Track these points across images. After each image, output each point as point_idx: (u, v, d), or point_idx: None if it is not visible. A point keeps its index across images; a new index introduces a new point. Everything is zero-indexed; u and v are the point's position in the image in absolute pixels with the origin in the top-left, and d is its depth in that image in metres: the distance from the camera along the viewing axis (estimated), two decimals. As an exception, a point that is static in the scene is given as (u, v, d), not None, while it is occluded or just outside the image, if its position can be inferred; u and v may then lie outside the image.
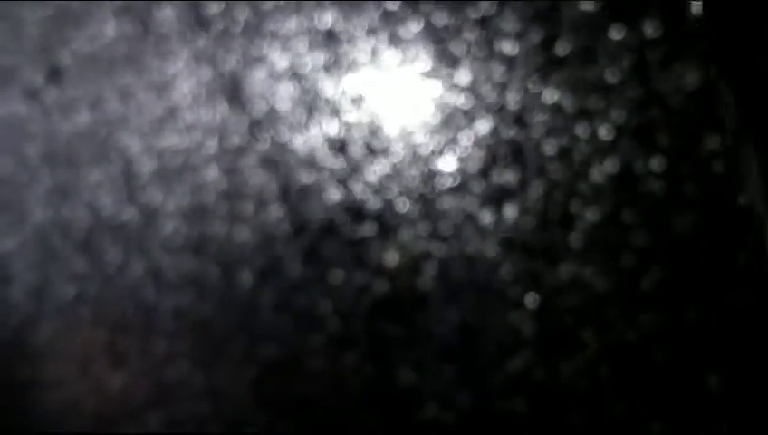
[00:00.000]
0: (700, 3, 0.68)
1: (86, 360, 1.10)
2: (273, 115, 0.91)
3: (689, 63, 0.68)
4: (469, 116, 0.78)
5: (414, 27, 0.81)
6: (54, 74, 1.11)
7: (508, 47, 0.76)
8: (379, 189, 0.84)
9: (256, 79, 0.92)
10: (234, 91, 0.94)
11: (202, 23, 0.95)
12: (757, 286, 0.67)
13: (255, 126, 0.92)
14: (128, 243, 1.03)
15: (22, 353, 1.16)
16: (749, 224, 0.67)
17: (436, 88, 0.80)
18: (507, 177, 0.76)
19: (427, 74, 0.80)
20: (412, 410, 0.82)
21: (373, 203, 0.84)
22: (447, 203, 0.80)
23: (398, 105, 0.83)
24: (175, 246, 0.99)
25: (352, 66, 0.86)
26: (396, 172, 0.83)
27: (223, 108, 0.94)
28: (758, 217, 0.67)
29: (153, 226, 1.01)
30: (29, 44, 1.14)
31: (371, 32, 0.84)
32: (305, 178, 0.89)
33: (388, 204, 0.83)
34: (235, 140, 0.94)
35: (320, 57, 0.88)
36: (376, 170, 0.84)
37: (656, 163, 0.70)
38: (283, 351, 0.91)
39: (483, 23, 0.77)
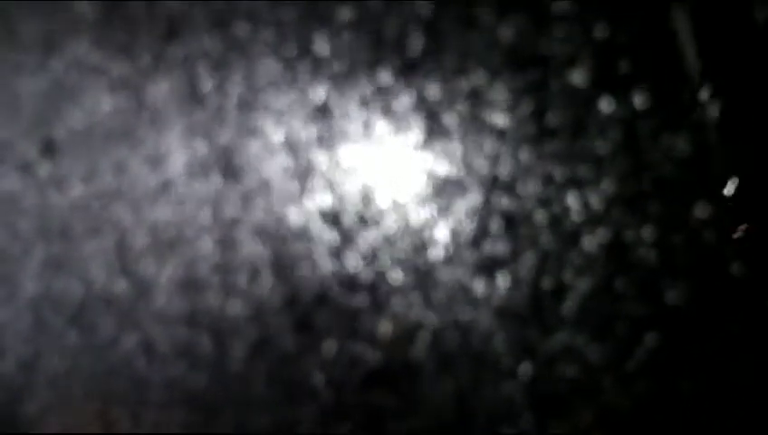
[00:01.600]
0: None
1: (77, 433, 1.08)
2: (266, 187, 0.91)
3: (680, 133, 0.69)
4: (461, 187, 0.78)
5: (406, 100, 0.81)
6: (48, 148, 1.11)
7: (499, 119, 0.76)
8: (371, 260, 0.83)
9: (250, 151, 0.92)
10: (227, 164, 0.94)
11: (197, 97, 0.96)
12: (753, 355, 0.66)
13: (248, 198, 0.92)
14: (120, 315, 1.02)
15: (11, 425, 1.15)
16: (742, 293, 0.67)
17: (428, 159, 0.80)
18: (499, 247, 0.76)
19: (420, 146, 0.81)
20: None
21: (366, 274, 0.84)
22: (440, 273, 0.79)
23: (390, 176, 0.83)
24: (167, 318, 0.98)
25: (345, 138, 0.86)
26: (388, 243, 0.83)
27: (217, 180, 0.94)
28: (753, 286, 0.66)
29: (145, 298, 1.00)
30: (24, 118, 1.14)
31: (364, 105, 0.84)
32: (298, 249, 0.88)
33: (381, 275, 0.83)
34: (229, 212, 0.94)
35: (313, 130, 0.88)
36: (368, 241, 0.84)
37: (647, 232, 0.70)
38: (275, 422, 0.90)
39: (474, 95, 0.78)
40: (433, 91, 0.80)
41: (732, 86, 0.66)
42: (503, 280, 0.76)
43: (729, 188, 0.66)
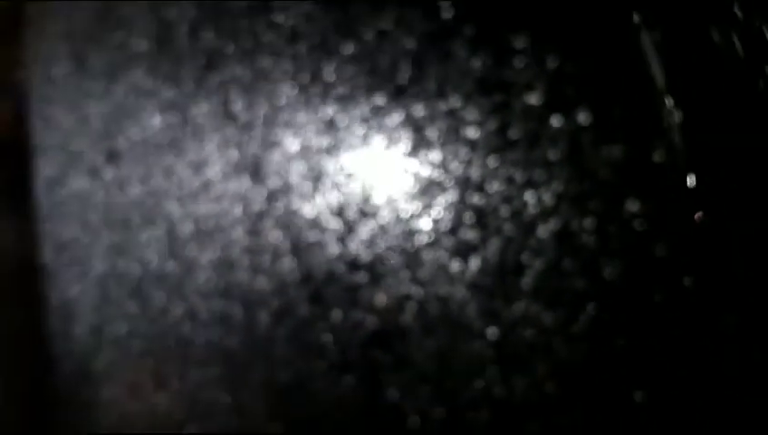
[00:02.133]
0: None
1: (135, 384, 1.09)
2: (286, 187, 0.91)
3: (614, 143, 0.69)
4: (441, 187, 0.78)
5: (396, 118, 0.81)
6: (112, 156, 1.11)
7: (471, 132, 0.76)
8: (369, 245, 0.84)
9: (273, 159, 0.92)
10: (255, 169, 0.94)
11: (230, 115, 0.96)
12: (671, 318, 0.66)
13: (273, 196, 0.92)
14: (169, 290, 1.03)
15: (84, 378, 1.15)
16: (664, 270, 0.67)
17: (414, 165, 0.80)
18: (471, 235, 0.76)
19: (408, 154, 0.81)
20: (398, 422, 0.81)
21: (365, 256, 0.84)
22: (424, 255, 0.79)
23: (384, 178, 0.83)
24: (207, 291, 0.98)
25: (348, 148, 0.86)
26: (383, 231, 0.83)
27: (246, 181, 0.94)
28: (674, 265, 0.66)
29: (190, 276, 1.00)
30: (92, 133, 1.14)
31: (364, 121, 0.84)
32: (311, 236, 0.89)
33: (377, 257, 0.83)
34: (256, 208, 0.94)
35: (323, 141, 0.88)
36: (367, 230, 0.84)
37: (588, 223, 0.70)
38: (294, 375, 0.90)
39: (451, 114, 0.78)
40: (418, 110, 0.80)
41: (693, 101, 0.66)
42: (474, 261, 0.76)
43: (690, 181, 0.65)
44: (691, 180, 0.65)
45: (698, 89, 0.66)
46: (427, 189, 0.79)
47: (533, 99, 0.73)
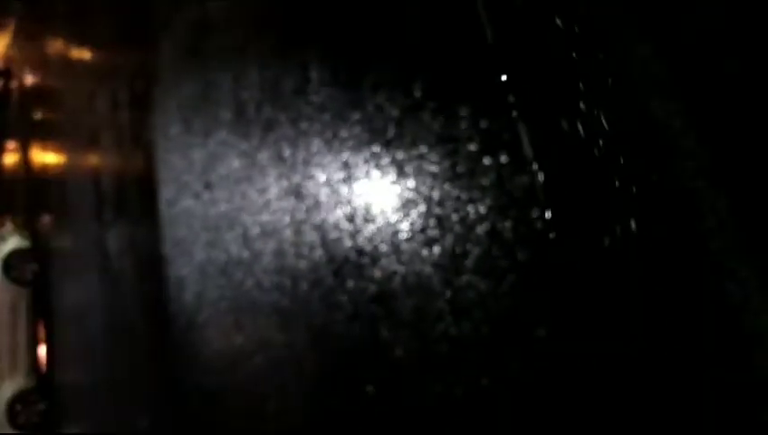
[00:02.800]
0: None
1: (223, 330, 1.09)
2: (317, 204, 0.91)
3: (523, 175, 0.69)
4: (415, 203, 0.78)
5: (386, 159, 0.82)
6: (208, 185, 1.11)
7: (433, 168, 0.77)
8: (370, 240, 0.84)
9: (309, 186, 0.92)
10: (297, 193, 0.94)
11: (282, 159, 0.96)
12: (562, 282, 0.66)
13: (309, 209, 0.92)
14: (244, 269, 1.03)
15: (191, 327, 1.15)
16: (556, 252, 0.66)
17: (398, 189, 0.80)
18: (434, 232, 0.76)
19: (394, 182, 0.81)
20: (388, 353, 0.81)
21: (368, 247, 0.84)
22: (404, 246, 0.79)
23: (379, 198, 0.83)
24: (268, 270, 0.98)
25: (356, 179, 0.86)
26: (379, 231, 0.83)
27: (292, 201, 0.95)
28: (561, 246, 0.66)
29: (258, 260, 1.00)
30: (195, 170, 1.15)
31: (366, 162, 0.85)
32: (333, 235, 0.89)
33: (375, 247, 0.83)
34: (298, 217, 0.94)
35: (340, 174, 0.88)
36: (369, 230, 0.84)
37: (506, 224, 0.70)
38: (323, 322, 0.90)
39: (421, 157, 0.78)
40: (400, 155, 0.80)
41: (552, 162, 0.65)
42: (436, 249, 0.76)
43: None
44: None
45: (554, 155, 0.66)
46: (406, 205, 0.79)
47: (473, 147, 0.73)
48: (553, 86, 0.67)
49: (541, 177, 0.68)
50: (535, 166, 0.69)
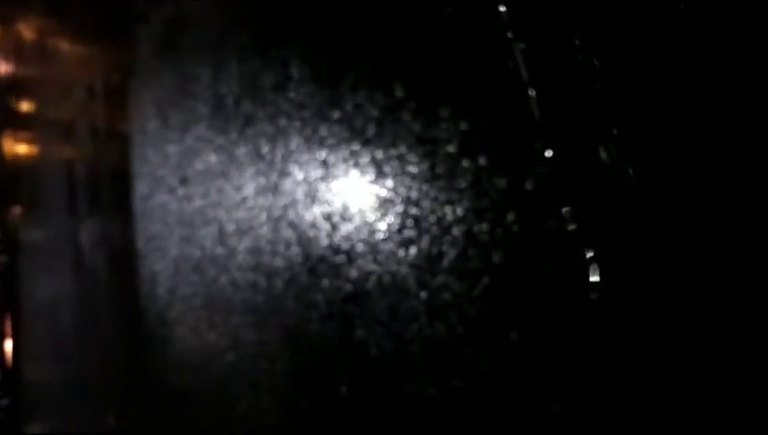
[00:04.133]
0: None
1: (195, 326, 1.07)
2: (294, 201, 0.90)
3: (501, 178, 0.69)
4: (392, 202, 0.78)
5: (366, 158, 0.81)
6: (183, 181, 1.09)
7: (412, 168, 0.76)
8: (347, 239, 0.83)
9: (286, 183, 0.91)
10: (275, 189, 0.93)
11: (260, 155, 0.95)
12: (535, 285, 0.66)
13: (286, 207, 0.91)
14: (219, 266, 1.01)
15: (162, 323, 1.13)
16: (531, 256, 0.67)
17: (376, 188, 0.80)
18: (411, 232, 0.76)
19: (372, 182, 0.80)
20: (363, 352, 0.81)
21: (344, 245, 0.83)
22: (381, 246, 0.79)
23: (357, 197, 0.83)
24: (243, 267, 0.97)
25: (335, 178, 0.86)
26: (356, 229, 0.82)
27: (270, 197, 0.93)
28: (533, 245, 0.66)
29: (232, 257, 0.99)
30: (171, 165, 1.12)
31: (344, 160, 0.84)
32: (310, 232, 0.88)
33: (352, 246, 0.82)
34: (275, 214, 0.93)
35: (319, 173, 0.87)
36: (346, 229, 0.83)
37: (484, 226, 0.70)
38: (297, 321, 0.89)
39: (400, 157, 0.77)
40: (379, 154, 0.79)
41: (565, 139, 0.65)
42: (412, 249, 0.76)
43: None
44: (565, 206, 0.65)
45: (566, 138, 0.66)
46: (384, 204, 0.79)
47: (452, 148, 0.73)
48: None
49: (518, 181, 0.68)
50: (513, 170, 0.69)
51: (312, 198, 0.88)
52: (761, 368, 0.52)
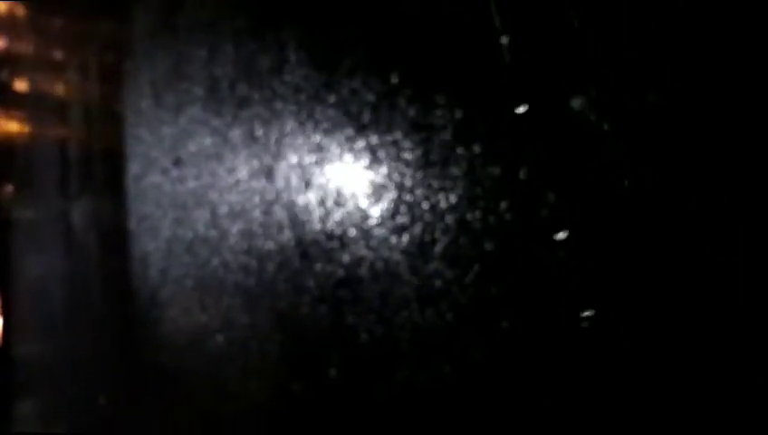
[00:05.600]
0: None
1: (187, 308, 1.06)
2: (288, 185, 0.89)
3: (495, 166, 0.68)
4: (386, 188, 0.77)
5: (360, 144, 0.80)
6: (177, 162, 1.08)
7: (406, 155, 0.75)
8: (340, 224, 0.82)
9: (280, 167, 0.90)
10: (268, 173, 0.92)
11: (254, 138, 0.94)
12: (526, 274, 0.65)
13: (280, 190, 0.90)
14: (211, 248, 1.00)
15: (154, 304, 1.12)
16: (521, 245, 0.66)
17: (370, 174, 0.79)
18: (404, 219, 0.75)
19: (366, 167, 0.79)
20: (353, 337, 0.80)
21: (337, 230, 0.82)
22: (374, 232, 0.78)
23: (351, 182, 0.82)
24: (235, 250, 0.96)
25: (329, 162, 0.84)
26: (348, 215, 0.81)
27: (263, 181, 0.92)
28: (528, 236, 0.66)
29: (225, 239, 0.98)
30: (165, 146, 1.11)
31: (339, 145, 0.83)
32: (303, 217, 0.87)
33: (344, 231, 0.81)
34: (268, 198, 0.92)
35: (313, 157, 0.86)
36: (339, 214, 0.82)
37: (477, 214, 0.69)
38: (289, 305, 0.89)
39: (395, 143, 0.76)
40: (374, 140, 0.78)
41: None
42: (405, 236, 0.75)
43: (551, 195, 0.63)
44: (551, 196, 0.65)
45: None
46: (377, 190, 0.78)
47: (447, 135, 0.72)
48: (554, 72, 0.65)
49: (512, 170, 0.67)
50: (507, 159, 0.68)
51: (306, 182, 0.87)
52: (757, 362, 0.52)
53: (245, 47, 0.97)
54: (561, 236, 0.61)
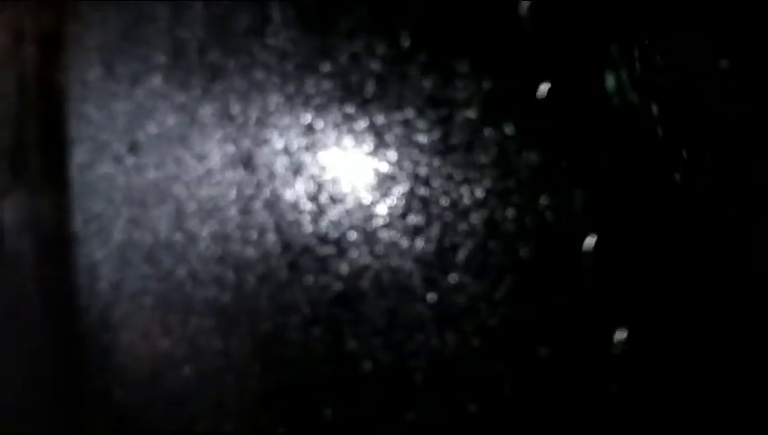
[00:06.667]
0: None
1: (145, 331, 1.07)
2: (272, 177, 0.90)
3: (532, 151, 0.69)
4: (395, 180, 0.78)
5: (362, 124, 0.81)
6: (133, 147, 1.09)
7: (421, 138, 0.76)
8: (337, 225, 0.83)
9: (262, 153, 0.91)
10: (247, 161, 0.93)
11: (229, 117, 0.95)
12: (571, 290, 0.66)
13: (262, 183, 0.91)
14: (176, 255, 1.01)
15: (105, 326, 1.13)
16: (566, 252, 0.67)
17: (374, 162, 0.80)
18: (418, 219, 0.76)
19: (370, 153, 0.80)
20: (354, 366, 0.81)
21: (333, 233, 0.83)
22: (380, 234, 0.79)
23: (351, 172, 0.83)
24: (206, 258, 0.98)
25: (323, 147, 0.86)
26: (348, 214, 0.82)
27: (240, 171, 0.93)
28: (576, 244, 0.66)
29: (193, 245, 0.99)
30: (118, 127, 1.12)
31: (336, 126, 0.84)
32: (291, 216, 0.88)
33: (343, 234, 0.82)
34: (247, 192, 0.93)
35: (303, 141, 0.87)
36: (336, 213, 0.84)
37: (510, 213, 0.70)
38: (273, 327, 0.90)
39: (406, 123, 0.77)
40: (379, 119, 0.79)
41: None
42: (419, 240, 0.76)
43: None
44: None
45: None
46: (384, 182, 0.79)
47: (471, 113, 0.73)
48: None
49: (554, 156, 0.68)
50: (548, 142, 0.69)
51: (295, 172, 0.88)
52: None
53: (218, 3, 0.99)
54: (590, 241, 0.62)
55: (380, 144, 0.79)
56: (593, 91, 0.64)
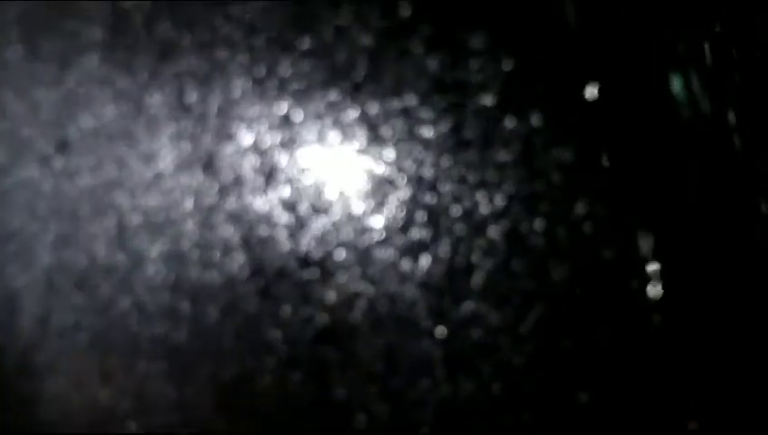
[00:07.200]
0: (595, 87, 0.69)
1: (79, 378, 1.07)
2: (238, 181, 0.90)
3: (566, 146, 0.69)
4: (394, 185, 0.78)
5: (352, 114, 0.81)
6: (62, 145, 1.09)
7: (425, 131, 0.76)
8: (320, 241, 0.83)
9: (226, 152, 0.91)
10: (207, 162, 0.93)
11: (184, 107, 0.95)
12: (617, 321, 0.67)
13: (226, 189, 0.91)
14: (117, 282, 1.01)
15: (26, 371, 1.13)
16: (611, 274, 0.68)
17: (368, 162, 0.80)
18: (423, 233, 0.76)
19: (361, 151, 0.80)
20: (344, 421, 0.81)
21: (316, 252, 0.83)
22: (375, 253, 0.79)
23: (337, 175, 0.83)
24: (155, 285, 0.97)
25: (302, 144, 0.86)
26: (334, 227, 0.82)
27: (198, 175, 0.93)
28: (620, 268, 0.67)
29: (138, 268, 0.99)
30: (42, 121, 1.12)
31: (318, 117, 0.84)
32: (262, 231, 0.88)
33: (328, 253, 0.82)
34: (207, 201, 0.93)
35: (277, 136, 0.87)
36: (319, 226, 0.83)
37: (538, 224, 0.70)
38: (241, 371, 0.89)
39: (406, 112, 0.78)
40: (373, 108, 0.80)
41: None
42: (424, 260, 0.76)
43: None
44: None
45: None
46: (380, 187, 0.79)
47: (488, 100, 0.73)
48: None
49: (591, 154, 0.69)
50: (584, 137, 0.70)
51: (267, 175, 0.88)
52: None
53: (169, -37, 0.99)
54: (654, 267, 0.63)
55: (374, 139, 0.80)
56: (654, 94, 0.64)
